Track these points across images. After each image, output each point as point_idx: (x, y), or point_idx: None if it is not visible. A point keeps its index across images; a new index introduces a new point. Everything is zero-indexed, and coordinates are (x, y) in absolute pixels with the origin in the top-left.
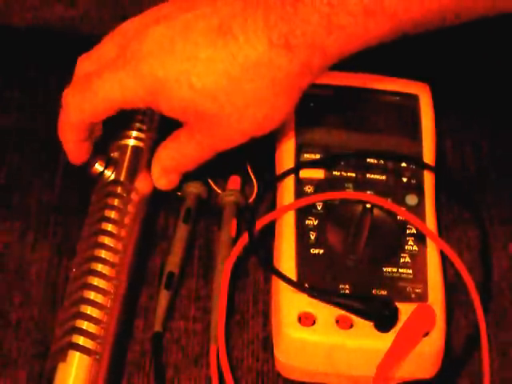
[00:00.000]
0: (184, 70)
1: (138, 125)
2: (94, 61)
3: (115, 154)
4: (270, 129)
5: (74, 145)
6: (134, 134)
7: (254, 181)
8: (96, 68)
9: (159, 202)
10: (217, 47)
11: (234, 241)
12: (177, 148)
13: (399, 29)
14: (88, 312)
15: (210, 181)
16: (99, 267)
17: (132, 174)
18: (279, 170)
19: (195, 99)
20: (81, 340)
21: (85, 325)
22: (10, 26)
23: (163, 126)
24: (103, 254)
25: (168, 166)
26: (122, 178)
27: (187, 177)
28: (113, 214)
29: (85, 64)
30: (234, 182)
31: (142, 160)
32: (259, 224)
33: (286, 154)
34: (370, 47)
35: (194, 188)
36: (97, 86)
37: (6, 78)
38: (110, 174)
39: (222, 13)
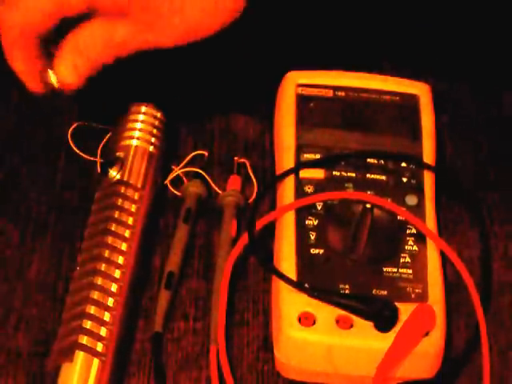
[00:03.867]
0: None
1: (141, 125)
2: None
3: (120, 154)
4: (211, 29)
5: (24, 64)
6: (138, 134)
7: (254, 181)
8: None
9: (161, 203)
10: None
11: (234, 241)
12: (108, 28)
13: None
14: (93, 312)
15: (210, 181)
16: (104, 267)
17: (136, 174)
18: (279, 170)
19: None
20: (87, 340)
21: (91, 325)
22: None
23: (167, 127)
24: (108, 253)
25: (88, 49)
26: (126, 179)
27: (187, 177)
28: (117, 214)
29: None
30: (234, 181)
31: (146, 160)
32: (259, 224)
33: (286, 154)
34: None
35: (194, 188)
36: None
37: (6, 78)
38: (115, 174)
39: None
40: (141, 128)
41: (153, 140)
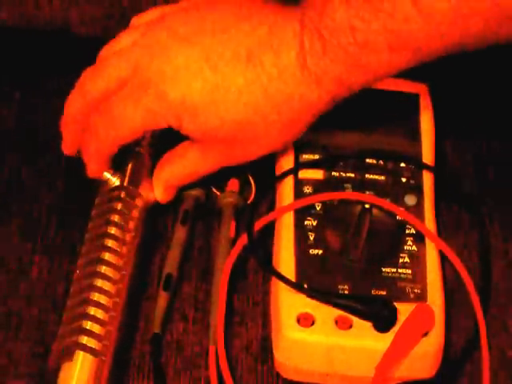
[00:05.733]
0: (214, 99)
1: None
2: (105, 79)
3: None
4: (284, 147)
5: (94, 164)
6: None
7: (252, 183)
8: (115, 92)
9: (160, 207)
10: (247, 79)
11: (233, 242)
12: (185, 165)
13: (419, 60)
14: (93, 313)
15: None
16: (104, 269)
17: (136, 179)
18: (279, 171)
19: (222, 128)
20: (87, 341)
21: (91, 326)
22: (10, 26)
23: (167, 131)
24: (107, 256)
25: (172, 181)
26: (126, 184)
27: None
28: (117, 218)
29: (95, 81)
30: (233, 183)
31: (145, 166)
32: (258, 225)
33: (285, 155)
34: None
35: (192, 190)
36: (121, 114)
37: (6, 78)
38: (114, 180)
39: (248, 41)
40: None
41: (152, 145)
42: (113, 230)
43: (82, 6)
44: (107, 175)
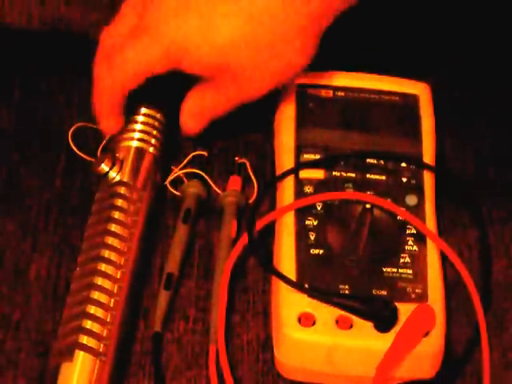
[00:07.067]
0: (202, 28)
1: (141, 126)
2: (116, 31)
3: (120, 155)
4: (293, 74)
5: (107, 116)
6: (138, 135)
7: (254, 181)
8: (119, 39)
9: (161, 204)
10: (233, 8)
11: (234, 241)
12: (203, 100)
13: None
14: (93, 312)
15: (209, 181)
16: (104, 267)
17: (136, 175)
18: (279, 170)
19: (216, 56)
20: (87, 340)
21: (91, 325)
22: (9, 26)
23: (167, 128)
24: (108, 254)
25: (196, 112)
26: (126, 179)
27: (187, 177)
28: (117, 215)
29: (108, 35)
30: (234, 182)
31: (145, 161)
32: (259, 224)
33: (285, 154)
34: None
35: (192, 188)
36: (122, 58)
37: (6, 78)
38: (114, 175)
39: None
40: (141, 129)
41: (153, 141)
42: (113, 227)
43: (81, 7)
44: (105, 168)
